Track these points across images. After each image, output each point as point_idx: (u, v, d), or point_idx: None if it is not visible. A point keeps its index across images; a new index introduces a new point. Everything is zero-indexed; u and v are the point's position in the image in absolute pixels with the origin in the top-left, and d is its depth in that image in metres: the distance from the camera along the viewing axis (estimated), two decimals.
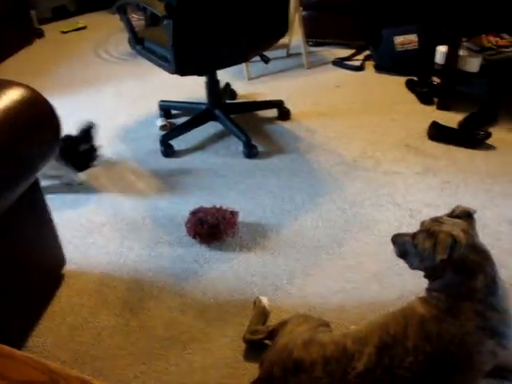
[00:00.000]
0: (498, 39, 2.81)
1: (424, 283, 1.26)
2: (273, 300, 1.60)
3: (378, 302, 1.59)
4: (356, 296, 1.62)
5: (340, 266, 1.75)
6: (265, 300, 1.57)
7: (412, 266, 1.29)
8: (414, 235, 1.25)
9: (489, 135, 2.38)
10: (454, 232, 1.16)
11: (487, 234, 1.84)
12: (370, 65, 3.38)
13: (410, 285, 1.63)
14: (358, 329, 1.21)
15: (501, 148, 2.37)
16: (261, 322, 1.50)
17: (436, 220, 1.24)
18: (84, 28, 4.60)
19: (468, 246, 1.17)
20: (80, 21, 4.72)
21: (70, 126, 2.60)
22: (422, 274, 1.27)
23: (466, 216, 1.26)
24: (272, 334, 1.38)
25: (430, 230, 1.21)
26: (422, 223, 1.27)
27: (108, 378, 1.40)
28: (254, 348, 1.45)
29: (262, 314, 1.53)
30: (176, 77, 2.27)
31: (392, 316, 1.21)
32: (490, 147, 2.38)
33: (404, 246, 1.29)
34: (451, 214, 1.28)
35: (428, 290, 1.26)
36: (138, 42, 2.40)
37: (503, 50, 2.72)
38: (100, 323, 1.57)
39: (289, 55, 3.64)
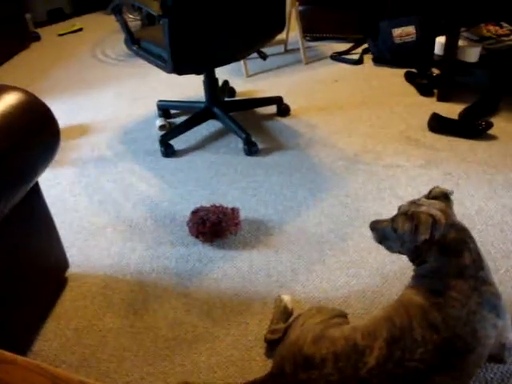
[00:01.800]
0: (497, 28, 2.80)
1: None
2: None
3: (382, 296, 1.58)
4: (360, 291, 1.61)
5: (343, 261, 1.74)
6: (286, 298, 1.54)
7: (392, 250, 1.33)
8: (392, 219, 1.28)
9: (490, 125, 2.36)
10: (432, 212, 1.20)
11: (491, 225, 1.83)
12: (368, 58, 3.37)
13: None
14: (365, 323, 1.21)
15: (502, 138, 2.36)
16: (282, 321, 1.47)
17: (413, 202, 1.28)
18: (80, 30, 4.60)
19: (448, 225, 1.20)
20: (76, 23, 4.71)
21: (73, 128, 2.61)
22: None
23: (443, 197, 1.30)
24: (288, 329, 1.36)
25: (408, 212, 1.24)
26: (400, 207, 1.31)
27: (114, 380, 1.40)
28: (263, 347, 1.45)
29: (283, 312, 1.50)
30: (174, 76, 2.26)
31: (393, 309, 1.20)
32: (491, 137, 2.37)
33: (383, 231, 1.32)
34: (428, 196, 1.32)
35: (416, 276, 1.28)
36: (134, 42, 2.39)
37: (503, 38, 2.71)
38: (105, 325, 1.57)
39: (286, 51, 3.63)
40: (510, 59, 2.61)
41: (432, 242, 1.19)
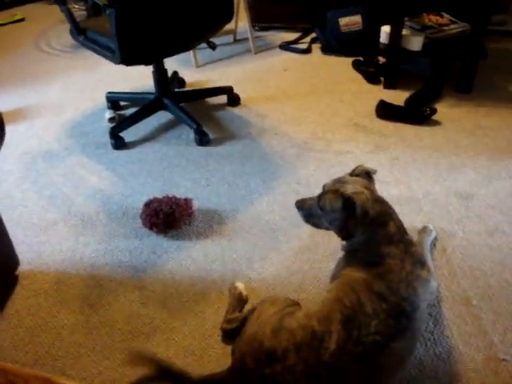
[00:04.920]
0: (438, 18, 2.89)
1: None
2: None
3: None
4: (314, 276, 1.65)
5: (297, 247, 1.77)
6: (240, 286, 1.57)
7: (320, 227, 1.40)
8: (318, 197, 1.35)
9: (434, 111, 2.45)
10: (358, 190, 1.29)
11: (437, 207, 1.91)
12: (316, 47, 3.41)
13: None
14: (318, 308, 1.23)
15: (445, 123, 2.45)
16: (238, 310, 1.49)
17: (339, 181, 1.35)
18: (22, 20, 4.42)
19: (373, 200, 1.30)
20: (17, 12, 4.53)
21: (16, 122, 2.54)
22: None
23: (366, 175, 1.39)
24: (245, 321, 1.37)
25: (336, 190, 1.30)
26: (324, 185, 1.38)
27: (71, 376, 1.38)
28: (221, 335, 1.46)
29: (239, 300, 1.53)
30: (122, 67, 2.22)
31: (339, 290, 1.25)
32: (435, 123, 2.46)
33: (309, 210, 1.38)
34: (352, 174, 1.41)
35: (348, 253, 1.36)
36: (80, 32, 2.33)
37: (444, 28, 2.80)
38: (59, 322, 1.55)
39: (235, 41, 3.62)
40: (450, 48, 2.71)
41: (360, 219, 1.27)
